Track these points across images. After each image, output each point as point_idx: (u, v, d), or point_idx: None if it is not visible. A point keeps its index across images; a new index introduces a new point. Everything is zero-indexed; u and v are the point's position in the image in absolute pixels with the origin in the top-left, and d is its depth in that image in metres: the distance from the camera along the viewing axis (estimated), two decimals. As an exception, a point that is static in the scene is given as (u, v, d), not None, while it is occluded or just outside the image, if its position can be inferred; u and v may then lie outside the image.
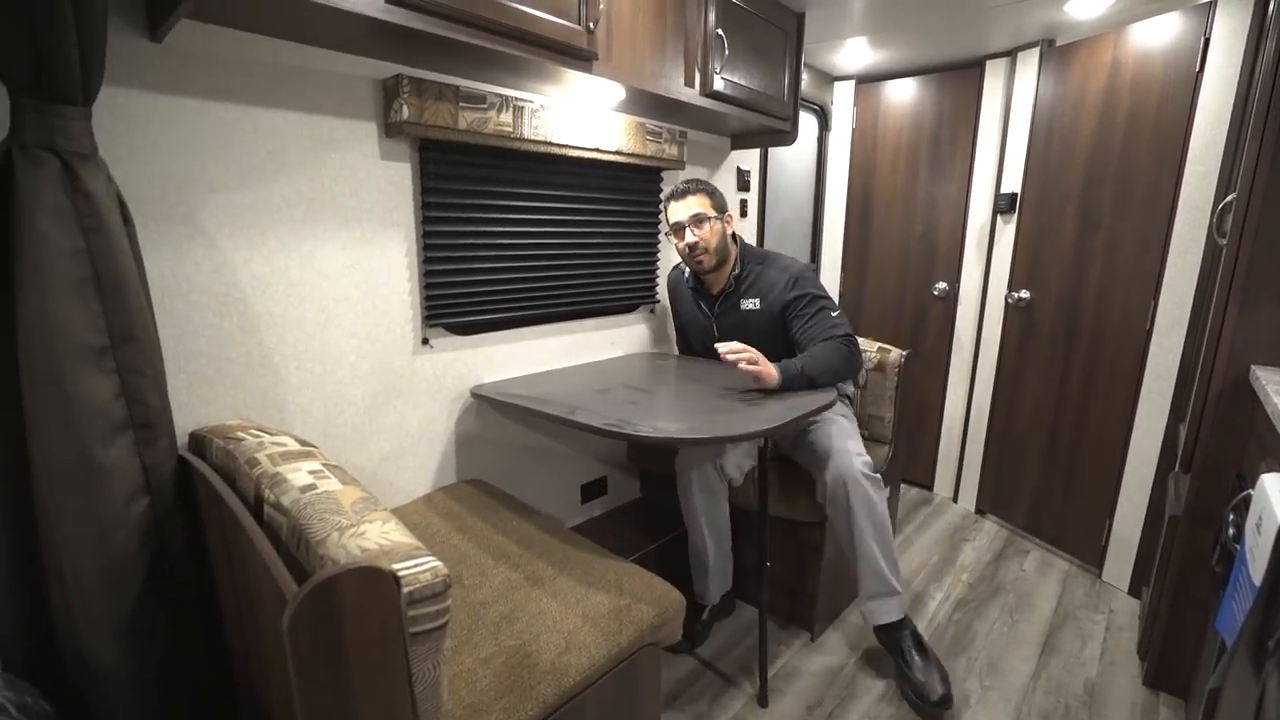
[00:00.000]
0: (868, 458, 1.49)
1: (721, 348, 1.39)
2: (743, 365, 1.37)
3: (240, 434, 0.99)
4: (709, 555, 1.63)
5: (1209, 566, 1.32)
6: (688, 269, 1.76)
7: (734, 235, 1.70)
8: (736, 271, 1.66)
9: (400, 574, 0.68)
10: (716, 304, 1.70)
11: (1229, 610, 0.99)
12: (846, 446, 1.48)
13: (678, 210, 1.63)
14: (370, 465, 1.41)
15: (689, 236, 1.61)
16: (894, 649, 1.50)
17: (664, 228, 1.78)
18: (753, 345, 1.49)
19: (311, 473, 0.85)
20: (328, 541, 0.72)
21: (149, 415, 0.91)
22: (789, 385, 1.43)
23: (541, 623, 1.02)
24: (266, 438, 0.97)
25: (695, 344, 1.82)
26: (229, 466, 0.93)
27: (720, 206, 1.65)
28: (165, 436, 0.94)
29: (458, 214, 1.45)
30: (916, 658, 1.47)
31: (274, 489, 0.82)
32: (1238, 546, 1.02)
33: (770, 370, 1.40)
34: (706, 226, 1.61)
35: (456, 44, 1.14)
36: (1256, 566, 0.87)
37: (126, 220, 0.92)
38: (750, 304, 1.62)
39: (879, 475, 1.47)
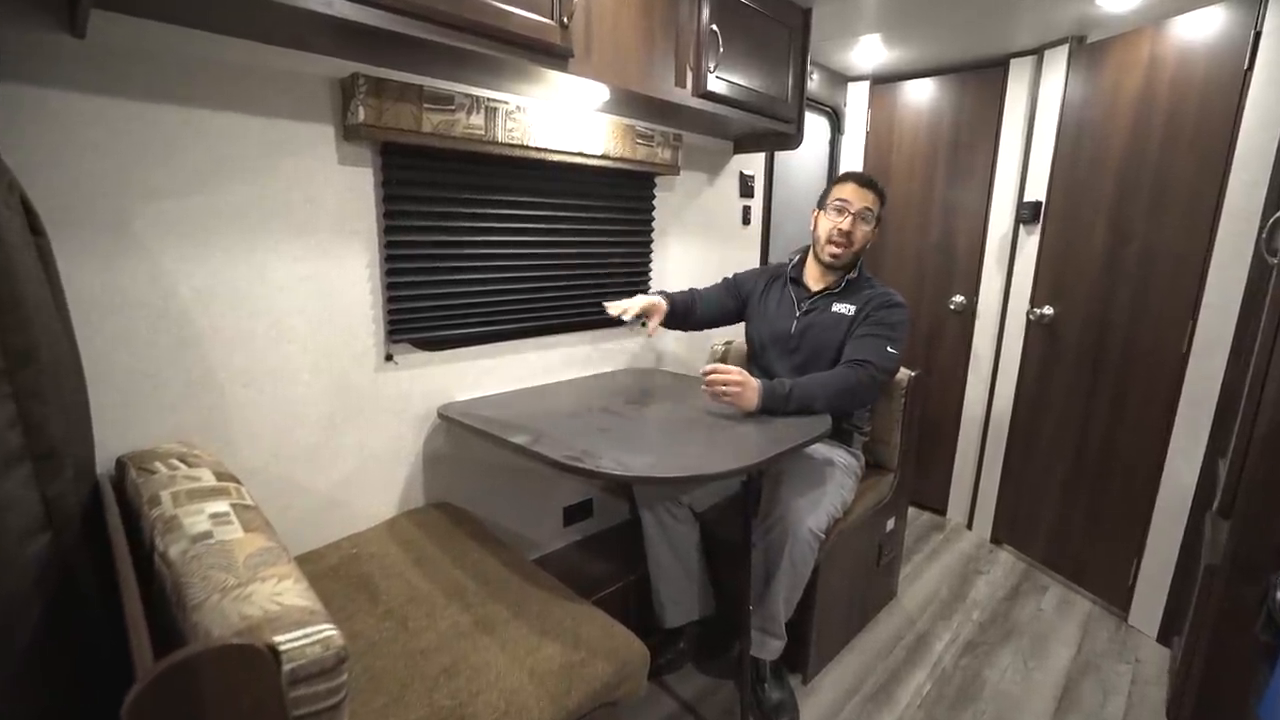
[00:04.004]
0: (824, 519, 1.42)
1: (706, 367, 1.36)
2: (718, 394, 1.34)
3: (157, 464, 0.91)
4: (665, 574, 1.55)
5: (1251, 628, 1.17)
6: (795, 259, 1.72)
7: None
8: (851, 276, 1.61)
9: (281, 648, 0.58)
10: (810, 299, 1.63)
11: (1275, 697, 0.85)
12: (812, 501, 1.42)
13: (853, 194, 1.56)
14: (328, 488, 1.33)
15: (848, 224, 1.55)
16: (759, 676, 1.52)
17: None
18: (827, 349, 1.54)
19: (213, 516, 0.77)
20: (205, 605, 0.63)
21: (52, 444, 0.83)
22: (769, 409, 1.34)
23: (483, 679, 0.92)
24: (182, 470, 0.89)
25: (760, 333, 1.70)
26: (137, 503, 0.85)
27: (880, 220, 1.61)
28: (72, 467, 0.86)
29: (424, 222, 1.36)
30: (773, 688, 1.50)
31: (166, 536, 0.73)
32: (1287, 622, 0.88)
33: (750, 397, 1.32)
34: (866, 227, 1.57)
35: (413, 40, 1.05)
36: (1311, 657, 0.73)
37: (36, 231, 0.84)
38: (843, 308, 1.57)
39: (824, 536, 1.42)
